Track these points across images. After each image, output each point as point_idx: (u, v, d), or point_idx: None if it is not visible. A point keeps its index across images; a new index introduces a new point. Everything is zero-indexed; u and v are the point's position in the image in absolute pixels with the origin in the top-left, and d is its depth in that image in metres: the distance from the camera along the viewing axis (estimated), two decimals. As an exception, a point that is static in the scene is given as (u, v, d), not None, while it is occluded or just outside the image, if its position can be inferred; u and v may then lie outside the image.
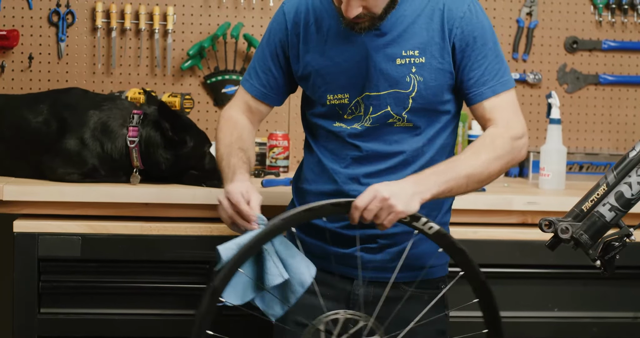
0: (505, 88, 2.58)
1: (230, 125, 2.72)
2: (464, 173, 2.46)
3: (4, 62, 3.93)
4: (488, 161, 2.50)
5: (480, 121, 2.61)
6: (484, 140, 2.53)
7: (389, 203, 2.33)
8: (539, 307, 3.34)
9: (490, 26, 2.61)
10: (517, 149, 2.57)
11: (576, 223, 2.33)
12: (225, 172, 2.59)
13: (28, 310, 3.17)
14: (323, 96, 2.62)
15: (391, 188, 2.35)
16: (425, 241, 2.50)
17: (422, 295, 2.66)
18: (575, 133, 4.20)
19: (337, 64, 2.59)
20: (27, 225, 3.15)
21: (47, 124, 3.34)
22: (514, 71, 4.14)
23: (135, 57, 3.99)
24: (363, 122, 2.60)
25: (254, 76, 2.74)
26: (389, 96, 2.57)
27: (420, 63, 2.55)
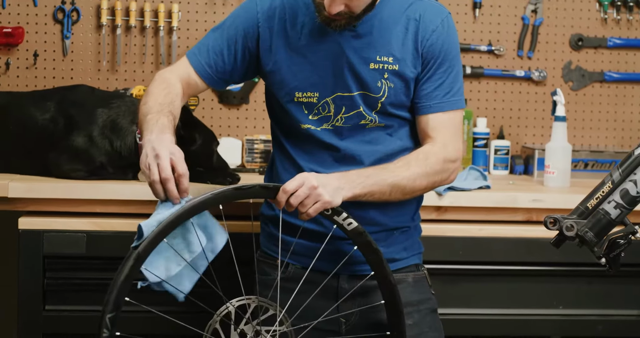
0: (452, 107, 2.62)
1: (166, 87, 2.63)
2: (389, 182, 2.51)
3: (9, 59, 3.93)
4: (416, 175, 2.55)
5: (421, 134, 2.65)
6: (417, 155, 2.57)
7: (317, 192, 2.39)
8: (544, 304, 3.34)
9: (457, 44, 2.64)
10: (448, 172, 2.61)
11: (581, 221, 2.32)
12: (150, 124, 2.48)
13: (33, 307, 3.17)
14: (291, 92, 2.61)
15: (319, 178, 2.41)
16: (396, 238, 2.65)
17: (407, 277, 2.69)
18: (581, 130, 4.20)
19: (311, 62, 2.59)
20: (33, 222, 3.16)
21: (54, 121, 3.34)
22: (519, 68, 4.14)
23: (140, 54, 3.99)
24: (334, 122, 2.61)
25: (204, 53, 2.67)
26: (359, 96, 2.58)
27: (394, 70, 2.57)
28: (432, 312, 2.72)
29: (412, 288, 2.68)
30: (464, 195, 3.32)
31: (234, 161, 3.82)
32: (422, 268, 2.75)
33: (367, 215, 2.61)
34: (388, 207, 2.62)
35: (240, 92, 4.01)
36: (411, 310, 2.65)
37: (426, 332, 2.68)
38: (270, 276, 2.68)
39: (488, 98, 4.14)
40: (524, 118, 4.17)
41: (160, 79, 2.67)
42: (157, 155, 2.39)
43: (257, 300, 2.46)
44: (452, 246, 3.27)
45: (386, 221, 2.64)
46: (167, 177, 2.37)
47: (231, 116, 4.03)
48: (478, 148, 3.96)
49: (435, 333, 2.71)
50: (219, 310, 2.42)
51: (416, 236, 2.75)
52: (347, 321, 2.66)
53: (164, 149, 2.40)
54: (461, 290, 3.31)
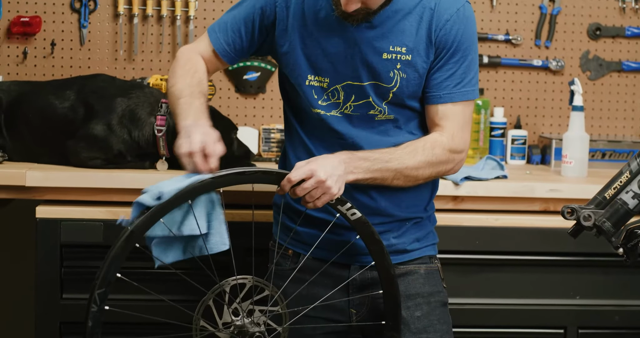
0: (463, 98, 2.60)
1: (192, 67, 2.67)
2: (394, 167, 2.52)
3: (26, 48, 3.94)
4: (420, 164, 2.55)
5: (429, 122, 2.64)
6: (424, 144, 2.57)
7: (326, 185, 2.39)
8: (561, 294, 3.34)
9: (473, 34, 2.62)
10: (453, 163, 2.61)
11: (599, 211, 2.32)
12: (184, 108, 2.55)
13: (50, 296, 3.18)
14: (303, 75, 2.61)
15: (326, 169, 2.40)
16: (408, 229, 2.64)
17: (418, 269, 2.69)
18: (598, 120, 4.18)
19: (323, 47, 2.58)
20: (50, 210, 3.17)
21: (73, 110, 3.35)
22: (537, 57, 4.12)
23: (157, 43, 3.99)
24: (343, 110, 2.60)
25: (223, 31, 2.69)
26: (370, 86, 2.58)
27: (407, 60, 2.56)
28: (442, 305, 2.71)
29: (424, 280, 2.67)
30: (481, 185, 3.31)
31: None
32: (435, 261, 2.74)
33: (378, 205, 2.62)
34: (400, 198, 2.62)
35: (256, 82, 4.02)
36: (421, 302, 2.65)
37: (434, 325, 2.67)
38: (282, 266, 2.68)
39: (505, 88, 4.13)
40: (541, 108, 4.15)
41: (184, 59, 2.69)
42: (189, 134, 2.44)
43: (252, 280, 2.46)
44: (469, 236, 3.27)
45: (397, 212, 2.63)
46: (192, 150, 2.41)
47: (248, 105, 4.03)
48: (495, 137, 3.95)
49: (443, 326, 2.69)
50: (213, 288, 2.42)
51: (430, 227, 2.74)
52: (357, 312, 2.66)
53: (198, 131, 2.45)
54: (477, 280, 3.31)
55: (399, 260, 2.65)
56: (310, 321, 2.57)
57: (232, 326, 2.44)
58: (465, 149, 2.62)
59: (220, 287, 2.43)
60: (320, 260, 2.61)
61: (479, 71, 2.66)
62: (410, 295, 2.65)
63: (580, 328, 3.35)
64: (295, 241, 2.67)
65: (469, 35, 2.59)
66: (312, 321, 2.58)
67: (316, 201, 2.41)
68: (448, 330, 2.71)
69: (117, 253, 2.35)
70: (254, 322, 2.44)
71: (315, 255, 2.61)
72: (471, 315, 3.29)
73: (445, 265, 2.89)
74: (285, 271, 2.65)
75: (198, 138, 2.43)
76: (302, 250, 2.64)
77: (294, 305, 2.53)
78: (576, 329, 3.34)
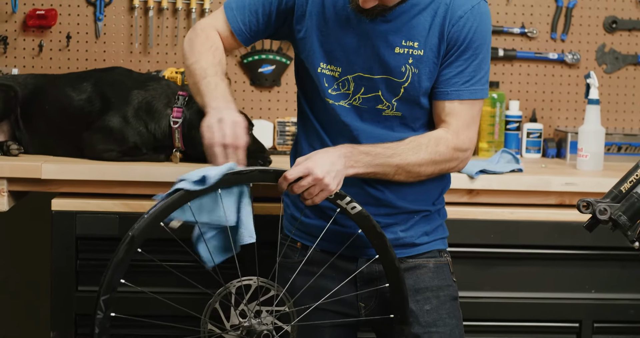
0: (471, 97, 2.58)
1: (213, 44, 2.65)
2: (395, 163, 2.51)
3: (42, 41, 3.95)
4: (423, 161, 2.54)
5: (436, 118, 2.62)
6: (429, 140, 2.55)
7: (324, 182, 2.39)
8: (576, 288, 3.33)
9: (487, 32, 2.59)
10: (457, 161, 2.59)
11: (614, 204, 2.31)
12: (210, 88, 2.55)
13: (66, 288, 3.20)
14: (317, 62, 2.60)
15: (324, 166, 2.39)
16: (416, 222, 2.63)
17: (427, 263, 2.68)
18: (614, 113, 4.17)
19: (338, 37, 2.57)
20: (66, 203, 3.18)
21: (90, 102, 3.36)
22: (553, 50, 4.11)
23: (172, 36, 3.99)
24: (351, 101, 2.59)
25: (240, 9, 2.66)
26: (381, 80, 2.56)
27: (419, 56, 2.54)
28: (452, 299, 2.70)
29: (433, 273, 2.66)
30: (496, 178, 3.31)
31: (265, 143, 3.82)
32: (444, 255, 2.72)
33: (385, 196, 2.61)
34: (406, 191, 2.61)
35: (271, 75, 4.02)
36: (430, 296, 2.64)
37: (444, 319, 2.66)
38: (291, 258, 2.68)
39: (521, 81, 4.12)
40: (556, 101, 4.14)
41: (204, 35, 2.66)
42: (221, 119, 2.46)
43: (257, 281, 2.46)
44: (484, 229, 3.26)
45: (404, 204, 2.62)
46: (226, 142, 2.43)
47: (262, 98, 4.03)
48: (510, 131, 3.94)
49: (452, 320, 2.68)
50: (218, 291, 2.43)
51: (439, 221, 2.73)
52: (366, 305, 2.66)
53: (229, 116, 2.47)
54: (492, 273, 3.31)
55: (407, 253, 2.64)
56: (319, 314, 2.57)
57: (240, 328, 2.44)
58: (470, 147, 2.60)
59: (225, 289, 2.43)
60: (327, 253, 2.61)
61: (490, 70, 2.64)
62: (419, 288, 2.65)
63: (595, 322, 3.34)
64: (303, 233, 2.67)
65: (482, 34, 2.57)
66: (320, 314, 2.58)
67: (314, 198, 2.41)
68: (458, 324, 2.70)
69: (120, 259, 2.35)
70: (261, 322, 2.44)
71: (323, 248, 2.61)
72: (486, 309, 3.29)
73: (460, 258, 2.90)
74: (294, 264, 2.65)
75: (229, 130, 2.45)
76: (310, 242, 2.64)
77: (302, 298, 2.53)
78: (591, 323, 3.34)
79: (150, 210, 2.36)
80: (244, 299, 2.46)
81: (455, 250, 2.81)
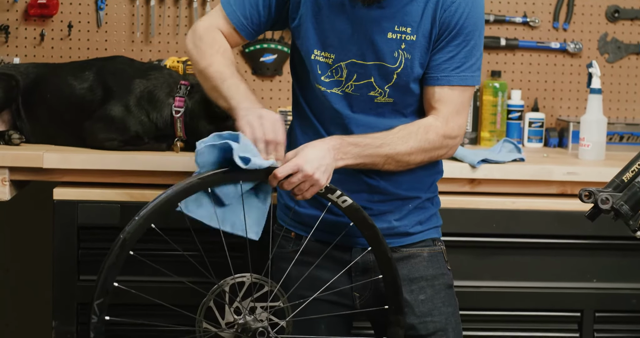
0: (461, 83, 2.57)
1: (221, 46, 2.64)
2: (385, 153, 2.50)
3: (43, 30, 3.94)
4: (413, 150, 2.54)
5: (426, 104, 2.62)
6: (418, 129, 2.54)
7: (314, 178, 2.39)
8: (578, 278, 3.33)
9: (479, 19, 2.58)
10: (446, 148, 2.59)
11: (616, 194, 2.31)
12: (234, 91, 2.54)
13: (68, 278, 3.20)
14: (311, 49, 2.59)
15: (312, 163, 2.39)
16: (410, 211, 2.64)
17: (422, 252, 2.68)
18: (616, 103, 4.17)
19: (332, 23, 2.56)
20: (67, 192, 3.18)
21: (92, 91, 3.36)
22: (555, 40, 4.10)
23: (174, 25, 3.99)
24: (344, 88, 2.58)
25: (239, 5, 2.64)
26: (374, 67, 2.56)
27: (411, 41, 2.54)
28: (447, 287, 2.70)
29: (427, 262, 2.66)
30: (498, 168, 3.31)
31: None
32: (438, 244, 2.72)
33: (378, 183, 2.61)
34: (399, 180, 2.61)
35: (273, 64, 4.01)
36: (424, 285, 2.64)
37: (439, 307, 2.67)
38: (285, 248, 2.68)
39: (523, 70, 4.12)
40: (558, 90, 4.14)
41: (209, 38, 2.65)
42: (261, 116, 2.45)
43: (251, 277, 2.46)
44: (485, 219, 3.26)
45: (397, 190, 2.62)
46: (268, 138, 2.43)
47: (264, 87, 4.03)
48: (512, 120, 3.93)
49: (448, 309, 2.68)
50: (212, 289, 2.43)
51: (433, 210, 2.72)
52: (360, 295, 2.66)
53: (268, 114, 2.46)
54: (494, 263, 3.31)
55: (401, 242, 2.64)
56: (314, 304, 2.57)
57: (235, 325, 2.43)
58: (460, 134, 2.60)
59: (219, 288, 2.43)
60: (321, 242, 2.61)
61: (482, 57, 2.63)
62: (413, 278, 2.65)
63: (597, 312, 3.35)
64: (297, 223, 2.67)
65: (474, 20, 2.56)
66: (315, 304, 2.57)
67: (305, 193, 2.41)
68: (454, 312, 2.70)
69: (113, 262, 2.35)
70: (256, 319, 2.43)
71: (317, 237, 2.61)
72: (487, 298, 3.29)
73: (462, 247, 2.90)
74: (288, 254, 2.65)
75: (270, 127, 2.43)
76: (304, 232, 2.64)
77: (297, 289, 2.54)
78: (593, 312, 3.34)
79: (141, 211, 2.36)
80: (237, 296, 2.45)
81: (456, 239, 2.81)
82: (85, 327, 3.21)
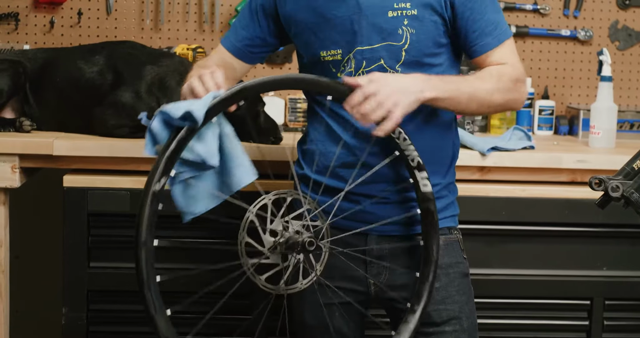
0: (507, 37, 2.61)
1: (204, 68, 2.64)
2: (468, 91, 2.50)
3: (53, 17, 3.94)
4: (493, 90, 2.53)
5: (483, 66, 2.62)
6: (490, 72, 2.56)
7: (395, 99, 2.37)
8: (588, 266, 3.33)
9: None
10: (519, 92, 2.60)
11: (627, 182, 2.30)
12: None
13: (78, 264, 3.21)
14: (317, 52, 2.60)
15: (395, 83, 2.39)
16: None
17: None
18: (627, 90, 4.16)
19: (328, 19, 2.57)
20: (77, 179, 3.18)
21: (101, 75, 3.35)
22: (565, 27, 4.10)
23: (183, 12, 3.99)
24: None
25: (233, 33, 2.74)
26: (382, 48, 2.56)
27: (413, 15, 2.54)
28: (463, 276, 2.70)
29: (442, 251, 2.64)
30: (508, 155, 3.30)
31: (276, 120, 3.81)
32: (455, 232, 2.71)
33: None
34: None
35: (283, 52, 4.01)
36: (439, 273, 2.63)
37: (453, 296, 2.66)
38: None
39: (533, 58, 4.11)
40: (569, 78, 4.13)
41: (196, 68, 2.74)
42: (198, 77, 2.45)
43: (293, 194, 2.46)
44: (495, 206, 3.26)
45: None
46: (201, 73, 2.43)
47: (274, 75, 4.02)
48: (522, 108, 3.92)
49: (462, 297, 2.68)
50: (252, 205, 2.39)
51: (451, 198, 2.71)
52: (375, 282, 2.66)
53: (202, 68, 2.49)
54: (503, 250, 3.31)
55: (417, 230, 2.64)
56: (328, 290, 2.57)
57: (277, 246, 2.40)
58: (525, 80, 2.61)
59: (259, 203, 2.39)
60: (337, 229, 2.60)
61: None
62: None
63: (606, 300, 3.35)
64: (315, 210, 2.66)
65: None
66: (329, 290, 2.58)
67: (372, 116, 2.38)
68: (468, 300, 2.70)
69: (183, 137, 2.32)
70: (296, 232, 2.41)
71: (333, 224, 2.61)
72: (497, 286, 3.29)
73: (472, 235, 2.89)
74: None
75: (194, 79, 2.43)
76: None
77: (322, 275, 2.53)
78: (602, 300, 3.34)
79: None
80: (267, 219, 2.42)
81: (466, 227, 2.80)
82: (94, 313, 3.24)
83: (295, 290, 2.49)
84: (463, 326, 2.66)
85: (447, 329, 2.65)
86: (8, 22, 3.93)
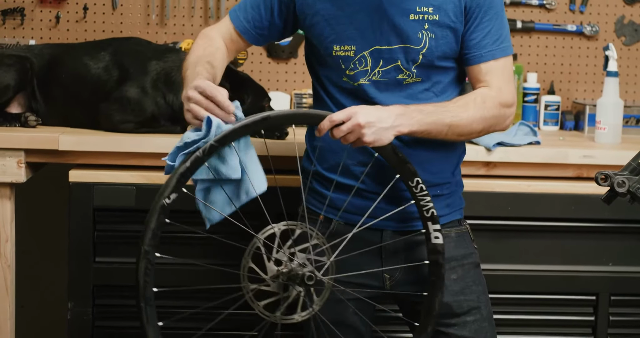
0: (503, 54, 2.60)
1: (206, 42, 2.68)
2: (448, 121, 2.50)
3: (59, 12, 3.95)
4: (474, 118, 2.53)
5: (473, 81, 2.63)
6: (475, 98, 2.55)
7: (361, 131, 2.39)
8: (594, 261, 3.33)
9: None
10: (503, 117, 2.59)
11: (633, 177, 2.30)
12: (187, 80, 2.55)
13: (84, 259, 3.21)
14: (330, 46, 2.60)
15: (369, 116, 2.40)
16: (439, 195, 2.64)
17: (449, 233, 2.68)
18: (633, 86, 4.15)
19: (348, 14, 2.57)
20: (83, 174, 3.18)
21: (107, 71, 3.36)
22: (571, 22, 4.09)
23: (189, 7, 3.98)
24: (371, 77, 2.58)
25: (242, 9, 2.71)
26: (400, 49, 2.56)
27: (434, 20, 2.54)
28: (476, 266, 2.73)
29: (455, 243, 2.67)
30: (514, 151, 3.30)
31: (282, 115, 3.82)
32: (464, 223, 2.74)
33: None
34: (428, 163, 2.61)
35: (288, 47, 4.01)
36: (455, 265, 2.66)
37: (470, 286, 2.69)
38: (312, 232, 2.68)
39: (539, 53, 4.10)
40: (575, 73, 4.12)
41: (201, 38, 2.72)
42: (188, 97, 2.43)
43: (301, 226, 2.46)
44: (501, 202, 3.26)
45: (427, 178, 2.61)
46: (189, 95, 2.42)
47: (280, 70, 4.03)
48: (528, 103, 3.93)
49: (478, 287, 2.71)
50: (261, 232, 2.41)
51: (459, 191, 2.74)
52: (391, 277, 2.67)
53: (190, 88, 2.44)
54: (509, 246, 3.31)
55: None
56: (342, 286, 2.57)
57: (280, 276, 2.42)
58: (514, 103, 2.61)
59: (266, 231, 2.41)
60: (352, 225, 2.60)
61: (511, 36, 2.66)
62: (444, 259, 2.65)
63: (612, 295, 3.34)
64: (327, 206, 2.67)
65: None
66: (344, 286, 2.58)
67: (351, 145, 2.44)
68: (484, 290, 2.73)
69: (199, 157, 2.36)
70: (300, 264, 2.42)
71: (347, 220, 2.61)
72: (503, 281, 3.29)
73: (478, 230, 2.89)
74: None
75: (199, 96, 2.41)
76: (333, 215, 2.64)
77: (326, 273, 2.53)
78: (608, 296, 3.34)
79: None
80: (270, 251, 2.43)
81: (472, 222, 2.80)
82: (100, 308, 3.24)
83: (292, 321, 2.48)
84: (483, 315, 2.70)
85: (469, 319, 2.68)
86: (14, 17, 3.93)
